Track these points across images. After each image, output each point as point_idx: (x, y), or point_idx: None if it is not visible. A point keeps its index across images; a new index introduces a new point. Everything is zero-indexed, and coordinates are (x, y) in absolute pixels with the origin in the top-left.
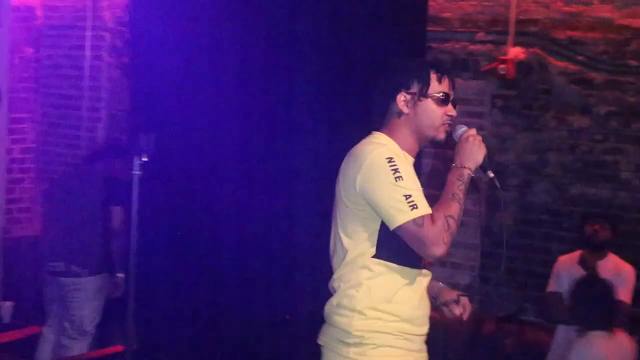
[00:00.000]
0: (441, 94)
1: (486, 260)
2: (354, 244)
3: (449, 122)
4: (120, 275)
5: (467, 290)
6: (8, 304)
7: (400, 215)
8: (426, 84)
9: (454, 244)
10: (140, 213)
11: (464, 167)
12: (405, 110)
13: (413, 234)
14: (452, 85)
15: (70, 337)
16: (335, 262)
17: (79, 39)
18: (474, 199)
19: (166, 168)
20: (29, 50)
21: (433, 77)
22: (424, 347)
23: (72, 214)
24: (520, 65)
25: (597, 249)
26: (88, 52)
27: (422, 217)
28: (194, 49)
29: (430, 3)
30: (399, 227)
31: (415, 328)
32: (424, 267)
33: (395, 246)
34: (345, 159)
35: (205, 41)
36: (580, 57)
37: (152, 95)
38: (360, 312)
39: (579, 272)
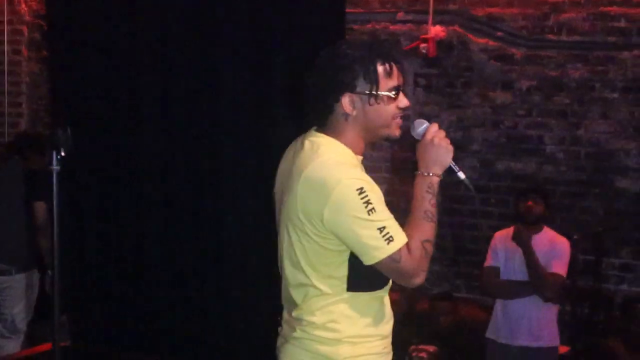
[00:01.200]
0: (392, 91)
1: None
2: (321, 277)
3: (401, 114)
4: (50, 272)
5: None
6: None
7: (376, 252)
8: (375, 82)
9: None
10: (64, 208)
11: (431, 174)
12: (352, 112)
13: (391, 268)
14: (402, 71)
15: (3, 336)
16: (297, 293)
17: None
18: (401, 178)
19: (88, 163)
20: None
21: (380, 71)
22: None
23: None
24: (441, 43)
25: (531, 224)
26: (6, 47)
27: (399, 250)
28: (113, 39)
29: None
30: (375, 264)
31: (388, 340)
32: None
33: (366, 274)
34: (297, 174)
35: (125, 31)
36: (499, 34)
37: (72, 89)
38: (346, 342)
39: (515, 247)
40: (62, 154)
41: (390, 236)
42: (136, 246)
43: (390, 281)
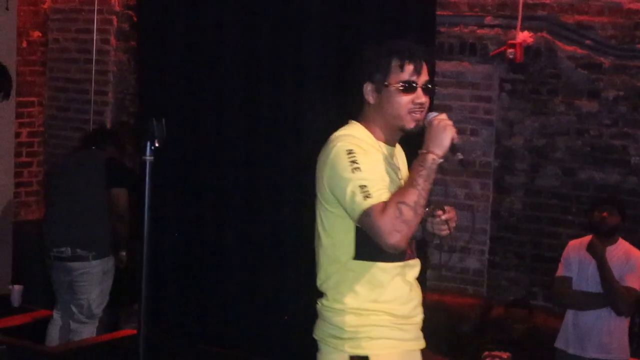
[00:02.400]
0: (401, 84)
1: (495, 244)
2: (334, 244)
3: (418, 109)
4: (123, 253)
5: (476, 274)
6: (17, 288)
7: (355, 207)
8: (385, 74)
9: (462, 228)
10: (152, 198)
11: (429, 152)
12: (371, 100)
13: (366, 225)
14: (418, 70)
15: (79, 322)
16: (319, 259)
17: (85, 22)
18: (482, 183)
19: (172, 153)
20: (36, 34)
21: (395, 65)
22: (420, 335)
23: (75, 199)
24: (528, 49)
25: (606, 235)
26: (95, 36)
27: (372, 207)
28: (202, 33)
29: None
30: (358, 219)
31: (408, 319)
32: (411, 257)
33: (372, 243)
34: (320, 154)
35: (213, 24)
36: (588, 42)
37: (160, 79)
38: (352, 313)
39: (589, 257)
40: (156, 144)
41: (369, 193)
42: (216, 237)
43: (410, 259)
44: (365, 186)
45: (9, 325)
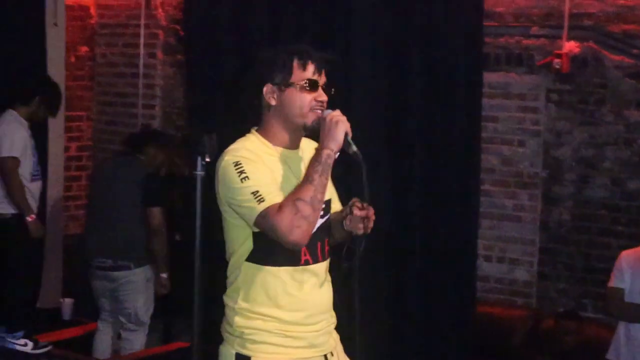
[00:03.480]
0: (305, 81)
1: (544, 255)
2: (233, 248)
3: (319, 107)
4: (164, 275)
5: (525, 286)
6: (68, 301)
7: (250, 213)
8: (288, 73)
9: (511, 240)
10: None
11: (323, 147)
12: (272, 102)
13: (265, 226)
14: (319, 69)
15: (129, 330)
16: (227, 260)
17: (132, 37)
18: (530, 194)
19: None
20: (84, 49)
21: (295, 65)
22: (322, 340)
23: (113, 208)
24: (575, 59)
25: None
26: (142, 50)
27: (267, 208)
28: (248, 46)
29: None
30: (255, 224)
31: (302, 327)
32: (315, 262)
33: (269, 249)
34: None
35: (261, 37)
36: (635, 51)
37: (208, 93)
38: (240, 313)
39: None
40: (207, 159)
41: (262, 197)
42: None
43: (307, 264)
44: (257, 192)
45: (60, 338)
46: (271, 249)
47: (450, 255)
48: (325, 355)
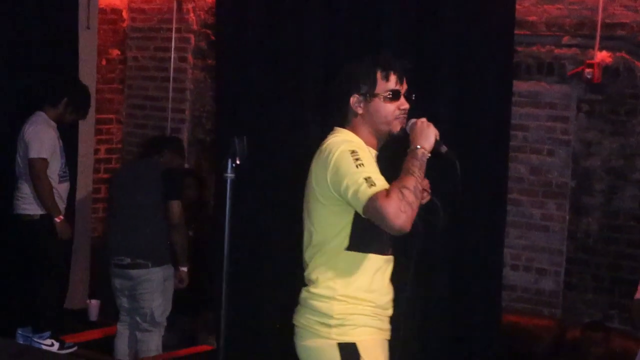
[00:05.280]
0: (388, 92)
1: (571, 266)
2: (328, 237)
3: (403, 115)
4: (184, 268)
5: (552, 296)
6: (95, 303)
7: (361, 195)
8: (372, 84)
9: (538, 249)
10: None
11: (418, 147)
12: (359, 110)
13: (373, 210)
14: (401, 79)
15: (144, 330)
16: (309, 253)
17: (164, 40)
18: (558, 204)
19: (249, 171)
20: (115, 52)
21: (379, 76)
22: (390, 327)
23: (133, 208)
24: (606, 69)
25: None
26: (173, 54)
27: (377, 192)
28: (279, 51)
29: (517, 6)
30: (363, 207)
31: (385, 311)
32: (392, 253)
33: (366, 237)
34: (315, 156)
35: (292, 42)
36: None
37: (238, 97)
38: (340, 300)
39: None
40: (237, 162)
41: (373, 182)
42: (292, 254)
43: (390, 255)
44: (369, 177)
45: (86, 339)
46: (368, 236)
47: (477, 263)
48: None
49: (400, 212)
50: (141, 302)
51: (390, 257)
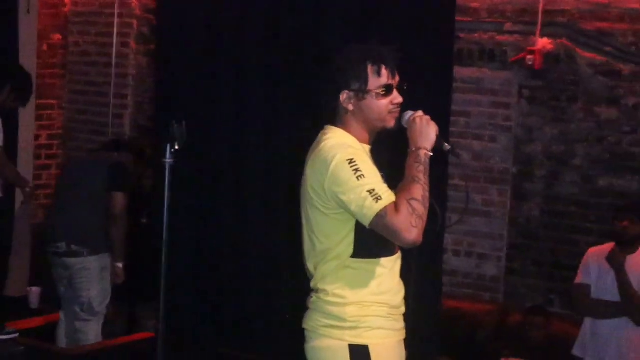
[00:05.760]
0: (381, 89)
1: (513, 251)
2: (329, 245)
3: (396, 109)
4: (119, 264)
5: (493, 281)
6: (35, 290)
7: (368, 212)
8: (364, 81)
9: (480, 235)
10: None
11: (419, 148)
12: (350, 107)
13: (382, 227)
14: (393, 72)
15: (83, 320)
16: (312, 262)
17: (106, 25)
18: (500, 190)
19: (189, 157)
20: (57, 37)
21: (370, 71)
22: (404, 325)
23: (75, 197)
24: (548, 56)
25: (627, 245)
26: (115, 39)
27: (385, 207)
28: (221, 36)
29: None
30: (370, 222)
31: (398, 310)
32: (398, 251)
33: (371, 242)
34: (309, 161)
35: (232, 25)
36: (608, 49)
37: (178, 82)
38: (353, 304)
39: (608, 266)
40: (176, 147)
41: (379, 196)
42: (234, 239)
43: (398, 252)
44: (373, 190)
45: (27, 327)
46: (373, 241)
47: (417, 249)
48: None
49: (412, 227)
50: (79, 291)
51: (398, 254)
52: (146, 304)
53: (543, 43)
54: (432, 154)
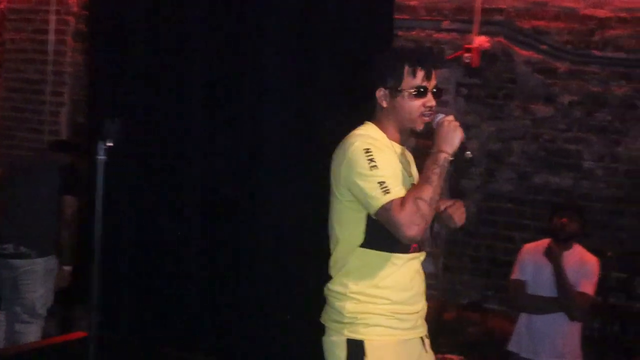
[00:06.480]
0: (414, 89)
1: (450, 248)
2: (344, 233)
3: (428, 112)
4: (67, 267)
5: (429, 278)
6: None
7: (374, 202)
8: (398, 80)
9: None
10: (105, 198)
11: (440, 151)
12: (384, 104)
13: (385, 217)
14: (429, 75)
15: (23, 321)
16: (331, 248)
17: (42, 22)
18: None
19: (127, 154)
20: None
21: (406, 71)
22: (420, 323)
23: (24, 198)
24: (485, 54)
25: (564, 241)
26: (52, 37)
27: (391, 201)
28: (157, 32)
29: None
30: (375, 213)
31: (406, 307)
32: (418, 250)
33: (382, 234)
34: (335, 151)
35: (169, 22)
36: (544, 47)
37: (114, 79)
38: (351, 298)
39: (544, 262)
40: (110, 144)
41: (388, 189)
42: (173, 237)
43: (416, 252)
44: (384, 182)
45: None
46: (385, 233)
47: None
48: (422, 338)
49: (413, 224)
50: (23, 292)
51: (416, 255)
52: (80, 304)
53: (480, 41)
54: (452, 159)
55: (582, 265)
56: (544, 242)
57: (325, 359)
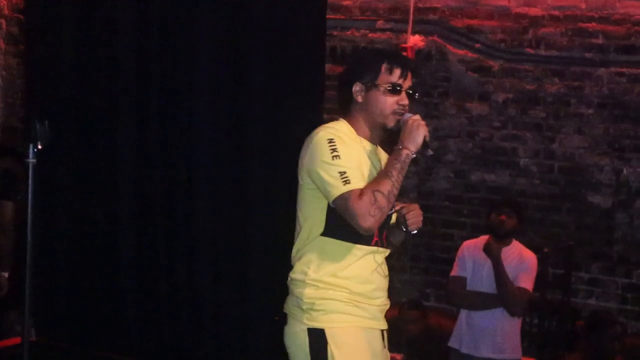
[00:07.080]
0: (389, 85)
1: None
2: (306, 221)
3: (400, 110)
4: (4, 274)
5: None
6: None
7: (333, 190)
8: (375, 75)
9: None
10: (38, 202)
11: (403, 147)
12: (359, 99)
13: (343, 207)
14: (405, 74)
15: None
16: (295, 236)
17: None
18: None
19: (60, 157)
20: None
21: (384, 68)
22: (381, 317)
23: None
24: (419, 53)
25: (502, 237)
26: None
27: (350, 191)
28: (90, 35)
29: None
30: (333, 201)
31: (367, 299)
32: (379, 245)
33: (342, 224)
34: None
35: (103, 25)
36: (478, 45)
37: (48, 83)
38: (310, 284)
39: (484, 258)
40: (39, 147)
41: (348, 179)
42: (107, 242)
43: (379, 247)
44: (344, 172)
45: None
46: (344, 224)
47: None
48: (382, 331)
49: (369, 215)
50: None
51: (380, 250)
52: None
53: (415, 40)
54: (414, 156)
55: (521, 261)
56: (483, 238)
57: (287, 349)
